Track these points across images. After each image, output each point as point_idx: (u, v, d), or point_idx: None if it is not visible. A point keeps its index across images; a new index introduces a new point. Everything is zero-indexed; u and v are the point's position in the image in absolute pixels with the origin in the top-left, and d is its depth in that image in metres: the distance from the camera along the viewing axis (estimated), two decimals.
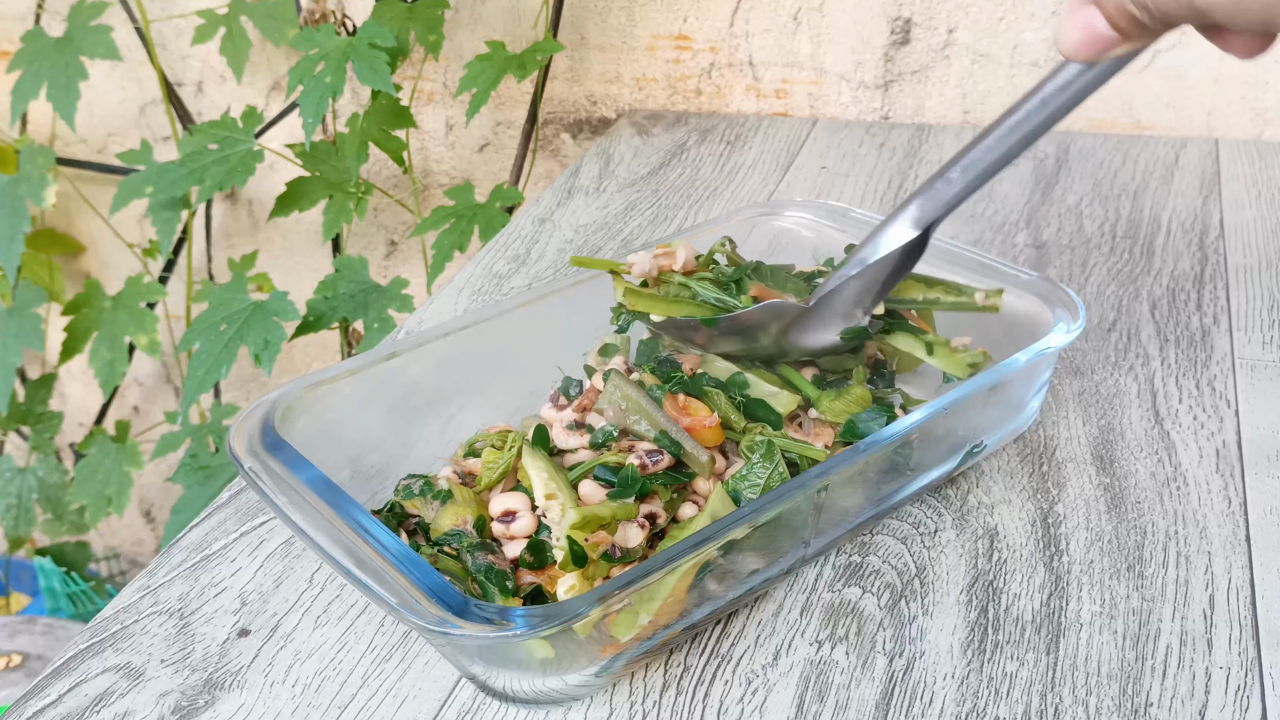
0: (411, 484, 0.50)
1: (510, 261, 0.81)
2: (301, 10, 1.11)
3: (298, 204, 1.06)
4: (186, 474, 1.14)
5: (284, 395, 0.52)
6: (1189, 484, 0.56)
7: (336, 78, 0.97)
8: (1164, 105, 1.00)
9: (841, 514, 0.50)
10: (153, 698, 0.46)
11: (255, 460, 0.48)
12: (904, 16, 1.03)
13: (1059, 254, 0.79)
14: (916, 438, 0.51)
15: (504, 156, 1.20)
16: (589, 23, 1.11)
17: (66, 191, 1.34)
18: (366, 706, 0.45)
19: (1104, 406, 0.62)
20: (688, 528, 0.47)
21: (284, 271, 1.33)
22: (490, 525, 0.46)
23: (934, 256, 0.63)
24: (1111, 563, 0.51)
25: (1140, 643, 0.47)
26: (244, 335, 1.01)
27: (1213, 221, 0.83)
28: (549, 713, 0.45)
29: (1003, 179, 0.91)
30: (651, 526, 0.46)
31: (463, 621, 0.39)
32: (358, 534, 0.43)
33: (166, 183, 1.06)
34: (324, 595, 0.51)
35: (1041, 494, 0.56)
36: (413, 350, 0.56)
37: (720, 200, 0.90)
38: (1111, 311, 0.72)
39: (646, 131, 1.06)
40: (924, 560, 0.52)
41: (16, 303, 1.26)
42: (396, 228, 1.28)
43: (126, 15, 1.23)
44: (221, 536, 0.55)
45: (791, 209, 0.68)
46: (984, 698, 0.45)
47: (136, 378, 1.48)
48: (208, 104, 1.27)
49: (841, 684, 0.46)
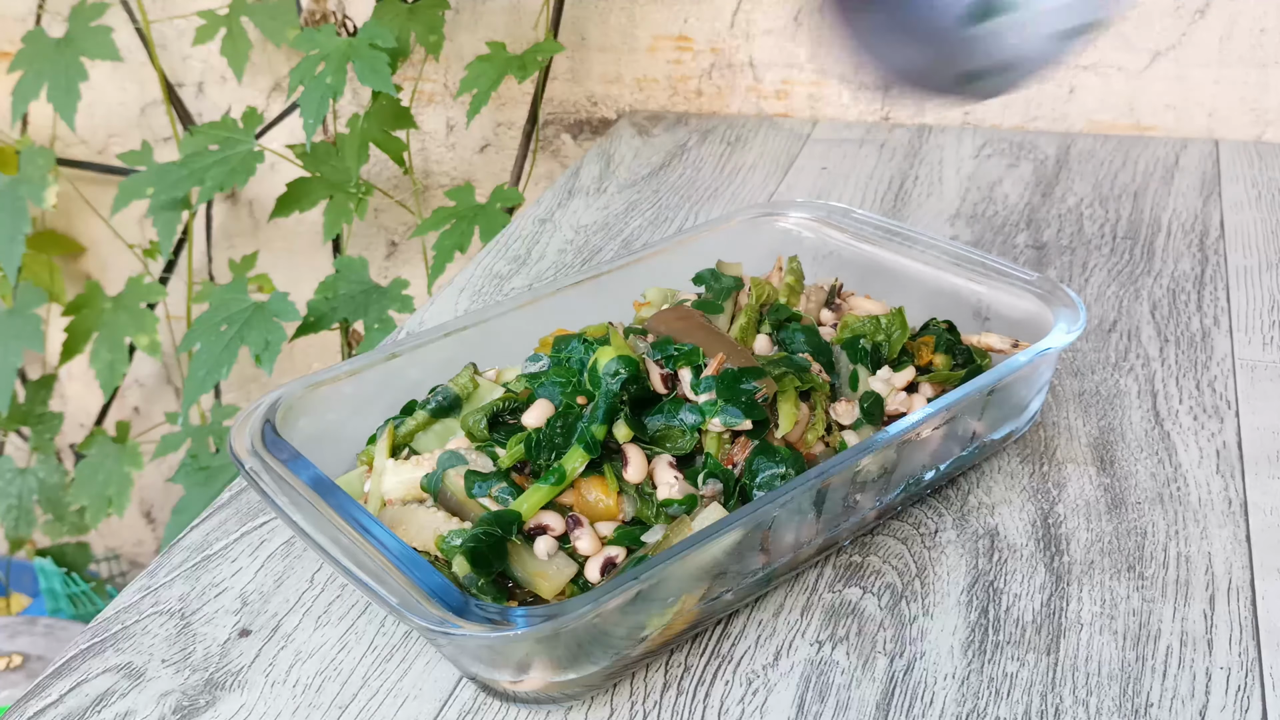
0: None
1: (511, 262, 0.81)
2: (302, 11, 1.11)
3: (298, 204, 1.06)
4: (187, 474, 1.14)
5: (284, 395, 0.52)
6: (1189, 484, 0.56)
7: (337, 78, 0.97)
8: (1164, 106, 1.00)
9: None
10: (153, 698, 0.46)
11: (256, 460, 0.48)
12: None
13: (1059, 255, 0.79)
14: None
15: (504, 157, 1.20)
16: (589, 23, 1.11)
17: (67, 192, 1.34)
18: (367, 707, 0.45)
19: (1104, 407, 0.62)
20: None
21: (284, 272, 1.33)
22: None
23: (934, 256, 0.63)
24: (1112, 563, 0.51)
25: (1140, 643, 0.47)
26: (244, 336, 1.01)
27: (1213, 222, 0.83)
28: (549, 712, 0.45)
29: (1003, 180, 0.91)
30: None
31: (463, 621, 0.39)
32: (358, 534, 0.43)
33: (167, 183, 1.06)
34: (325, 595, 0.51)
35: (1042, 494, 0.56)
36: (413, 351, 0.56)
37: (721, 201, 0.90)
38: (1112, 312, 0.72)
39: (647, 132, 1.06)
40: (924, 560, 0.52)
41: (17, 303, 1.26)
42: (397, 228, 1.28)
43: (127, 16, 1.23)
44: (222, 537, 0.55)
45: (792, 210, 0.68)
46: (984, 698, 0.45)
47: (137, 378, 1.48)
48: (208, 105, 1.27)
49: (842, 684, 0.46)
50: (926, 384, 0.55)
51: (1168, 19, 0.97)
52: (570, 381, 0.49)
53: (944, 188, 0.91)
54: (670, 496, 0.47)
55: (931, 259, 0.63)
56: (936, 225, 0.84)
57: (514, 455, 0.47)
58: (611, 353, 0.49)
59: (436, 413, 0.52)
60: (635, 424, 0.48)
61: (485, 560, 0.44)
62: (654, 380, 0.49)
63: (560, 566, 0.45)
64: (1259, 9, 0.94)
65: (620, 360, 0.48)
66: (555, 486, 0.46)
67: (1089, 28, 0.49)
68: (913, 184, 0.92)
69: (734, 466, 0.48)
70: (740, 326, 0.56)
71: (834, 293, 0.63)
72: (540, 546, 0.45)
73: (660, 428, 0.49)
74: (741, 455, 0.48)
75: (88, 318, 1.20)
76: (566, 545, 0.45)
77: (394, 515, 0.48)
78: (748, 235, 0.67)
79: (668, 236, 0.75)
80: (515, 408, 0.50)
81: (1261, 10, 0.94)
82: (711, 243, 0.65)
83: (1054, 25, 0.49)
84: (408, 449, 0.52)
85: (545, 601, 0.44)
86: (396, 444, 0.52)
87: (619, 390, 0.48)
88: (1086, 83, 1.01)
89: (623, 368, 0.48)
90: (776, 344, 0.55)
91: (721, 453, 0.48)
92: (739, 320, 0.57)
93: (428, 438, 0.52)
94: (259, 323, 1.01)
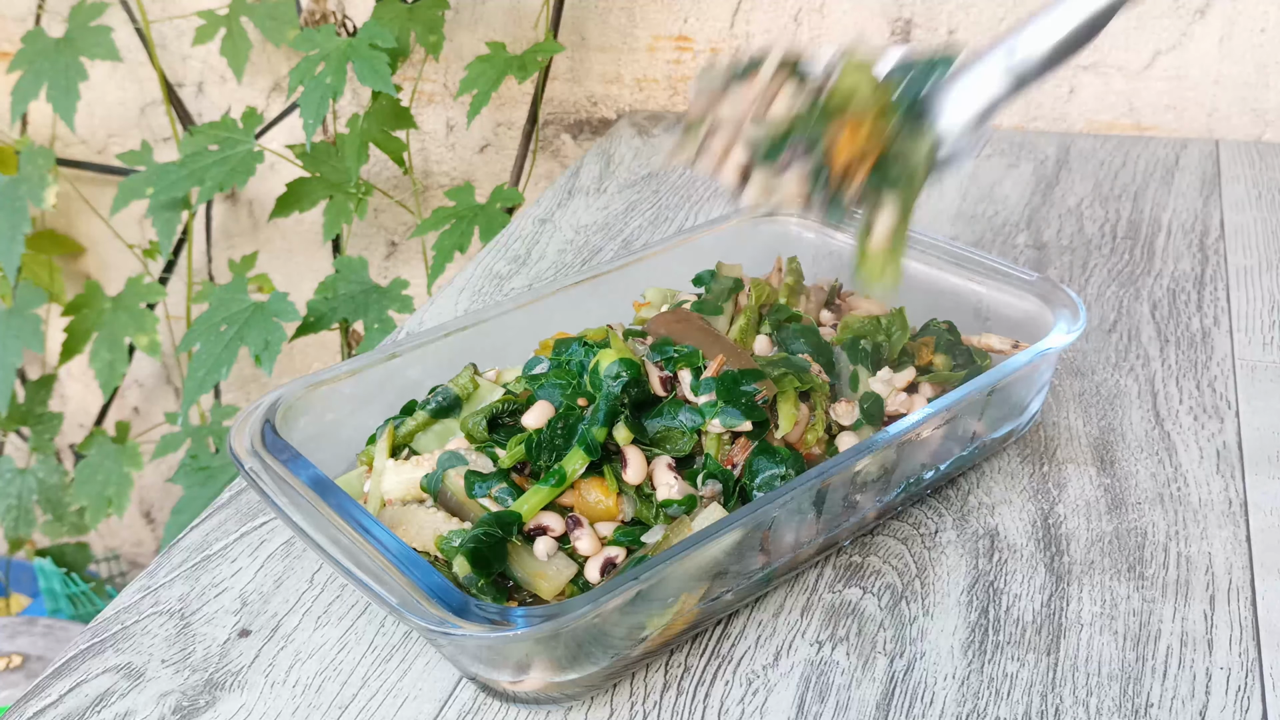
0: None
1: (510, 262, 0.81)
2: (302, 11, 1.11)
3: (298, 204, 1.06)
4: (187, 475, 1.14)
5: (284, 395, 0.52)
6: (1189, 484, 0.56)
7: (337, 78, 0.97)
8: (1165, 106, 1.00)
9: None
10: (153, 698, 0.46)
11: (256, 460, 0.48)
12: (904, 17, 1.03)
13: (1059, 255, 0.79)
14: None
15: (504, 157, 1.20)
16: (589, 23, 1.11)
17: (67, 192, 1.34)
18: (367, 707, 0.45)
19: (1104, 407, 0.62)
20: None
21: (284, 272, 1.33)
22: None
23: (935, 257, 0.63)
24: (1112, 563, 0.51)
25: (1141, 643, 0.47)
26: (244, 336, 1.01)
27: (1213, 223, 0.83)
28: (549, 712, 0.45)
29: (1003, 180, 0.91)
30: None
31: (463, 621, 0.39)
32: (358, 534, 0.43)
33: (167, 183, 1.06)
34: (324, 595, 0.51)
35: (1042, 494, 0.56)
36: (413, 351, 0.56)
37: (721, 201, 0.90)
38: (1112, 312, 0.72)
39: (647, 132, 1.06)
40: (924, 561, 0.52)
41: (16, 303, 1.26)
42: (397, 228, 1.28)
43: (127, 16, 1.23)
44: (222, 537, 0.55)
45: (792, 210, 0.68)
46: (984, 698, 0.45)
47: (136, 378, 1.48)
48: (208, 105, 1.27)
49: (842, 684, 0.46)
50: (926, 384, 0.55)
51: (1168, 19, 0.97)
52: (571, 383, 0.49)
53: (944, 188, 0.91)
54: (669, 497, 0.47)
55: (931, 259, 0.63)
56: (936, 225, 0.84)
57: (514, 456, 0.47)
58: (613, 355, 0.49)
59: (436, 413, 0.52)
60: (635, 426, 0.48)
61: (485, 561, 0.44)
62: (653, 382, 0.49)
63: (560, 567, 0.45)
64: (1259, 9, 0.94)
65: (622, 363, 0.48)
66: (555, 488, 0.46)
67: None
68: None
69: (734, 467, 0.48)
70: (740, 328, 0.56)
71: (834, 293, 0.63)
72: (540, 547, 0.45)
73: (660, 429, 0.49)
74: (741, 456, 0.48)
75: (87, 318, 1.20)
76: (566, 546, 0.45)
77: (394, 515, 0.48)
78: (748, 235, 0.67)
79: (668, 237, 0.75)
80: (515, 409, 0.50)
81: (1261, 10, 0.94)
82: (711, 243, 0.65)
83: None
84: (408, 449, 0.52)
85: (545, 602, 0.44)
86: (396, 444, 0.52)
87: (620, 393, 0.48)
88: (1086, 83, 1.01)
89: (624, 370, 0.48)
90: (776, 344, 0.55)
91: (721, 454, 0.48)
92: (738, 321, 0.57)
93: (428, 438, 0.52)
94: (259, 323, 1.01)
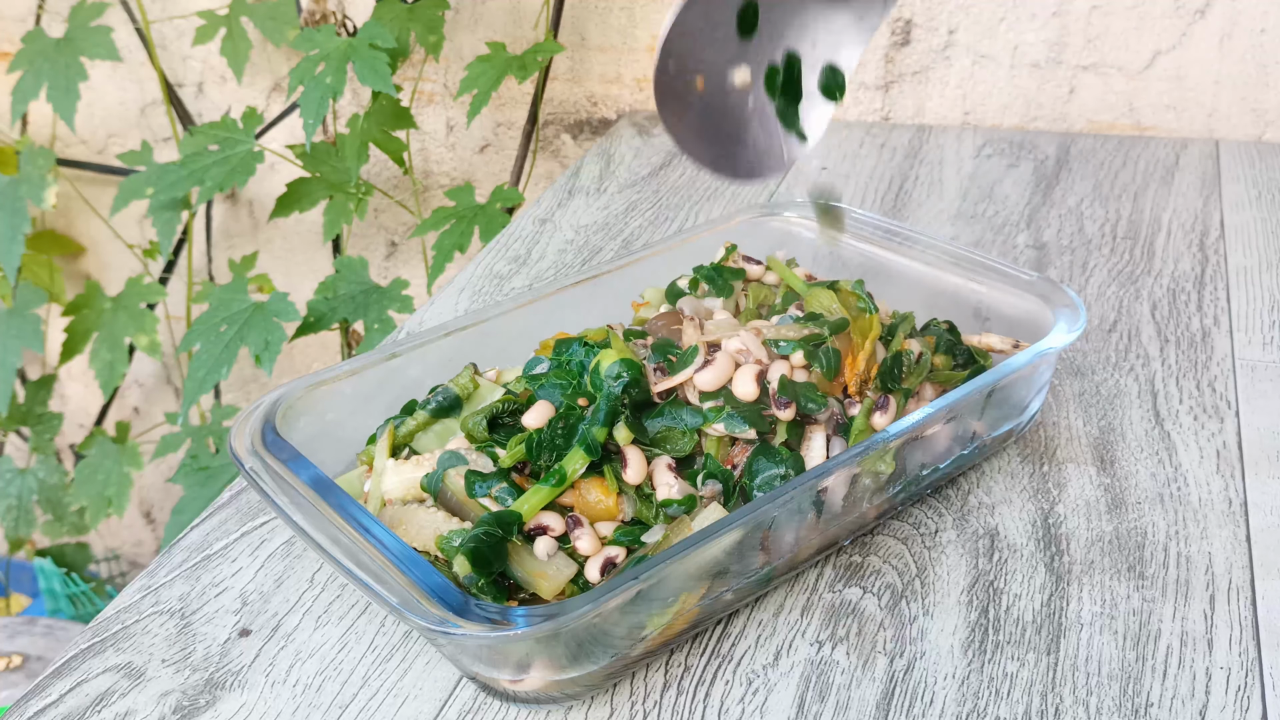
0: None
1: (511, 262, 0.81)
2: (302, 11, 1.11)
3: (298, 205, 1.06)
4: (187, 475, 1.14)
5: (284, 395, 0.52)
6: (1189, 484, 0.56)
7: (337, 78, 0.97)
8: (1165, 106, 1.00)
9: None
10: (154, 697, 0.46)
11: (256, 460, 0.48)
12: (904, 18, 1.03)
13: (1059, 255, 0.79)
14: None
15: (504, 157, 1.20)
16: (589, 23, 1.11)
17: (67, 192, 1.34)
18: (367, 707, 0.45)
19: (1104, 407, 0.62)
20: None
21: (284, 272, 1.34)
22: None
23: (935, 256, 0.63)
24: (1112, 563, 0.51)
25: (1141, 643, 0.47)
26: (244, 336, 1.01)
27: (1213, 222, 0.83)
28: (549, 712, 0.45)
29: (1004, 180, 0.91)
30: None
31: (463, 621, 0.39)
32: (358, 534, 0.43)
33: (167, 184, 1.06)
34: (325, 595, 0.51)
35: (1042, 494, 0.56)
36: (413, 350, 0.56)
37: (720, 201, 0.90)
38: (1112, 312, 0.72)
39: (647, 132, 1.06)
40: (924, 560, 0.52)
41: (16, 303, 1.26)
42: (397, 228, 1.28)
43: (127, 16, 1.23)
44: (222, 537, 0.55)
45: (792, 209, 0.68)
46: (984, 698, 0.45)
47: (136, 378, 1.48)
48: (208, 105, 1.27)
49: (842, 684, 0.46)
50: (927, 384, 0.55)
51: (1168, 19, 0.97)
52: (571, 383, 0.49)
53: (944, 188, 0.91)
54: (669, 497, 0.47)
55: (932, 259, 0.63)
56: (937, 225, 0.84)
57: (514, 456, 0.47)
58: (613, 355, 0.49)
59: (436, 413, 0.52)
60: (636, 426, 0.48)
61: (485, 560, 0.44)
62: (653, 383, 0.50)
63: (560, 566, 0.45)
64: (1259, 9, 0.94)
65: (623, 363, 0.48)
66: (556, 487, 0.46)
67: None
68: (913, 184, 0.92)
69: (734, 467, 0.48)
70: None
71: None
72: (540, 547, 0.45)
73: (661, 430, 0.49)
74: (741, 456, 0.48)
75: (87, 318, 1.20)
76: (566, 545, 0.45)
77: (394, 515, 0.48)
78: (748, 235, 0.67)
79: (668, 236, 0.75)
80: (515, 409, 0.50)
81: (1261, 10, 0.94)
82: (711, 243, 0.65)
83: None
84: (408, 449, 0.52)
85: (545, 601, 0.44)
86: (396, 444, 0.52)
87: (620, 393, 0.48)
88: (1087, 83, 1.01)
89: (625, 371, 0.48)
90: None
91: (721, 454, 0.48)
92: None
93: (428, 438, 0.52)
94: (259, 323, 1.01)
